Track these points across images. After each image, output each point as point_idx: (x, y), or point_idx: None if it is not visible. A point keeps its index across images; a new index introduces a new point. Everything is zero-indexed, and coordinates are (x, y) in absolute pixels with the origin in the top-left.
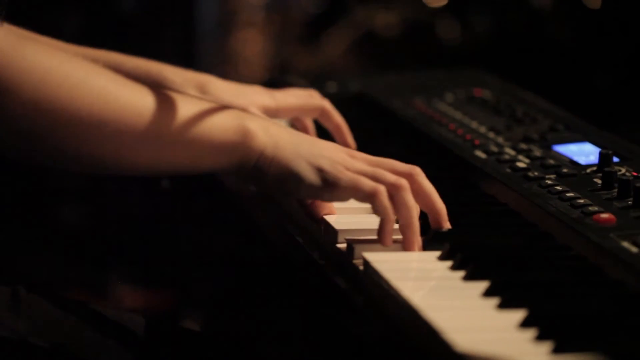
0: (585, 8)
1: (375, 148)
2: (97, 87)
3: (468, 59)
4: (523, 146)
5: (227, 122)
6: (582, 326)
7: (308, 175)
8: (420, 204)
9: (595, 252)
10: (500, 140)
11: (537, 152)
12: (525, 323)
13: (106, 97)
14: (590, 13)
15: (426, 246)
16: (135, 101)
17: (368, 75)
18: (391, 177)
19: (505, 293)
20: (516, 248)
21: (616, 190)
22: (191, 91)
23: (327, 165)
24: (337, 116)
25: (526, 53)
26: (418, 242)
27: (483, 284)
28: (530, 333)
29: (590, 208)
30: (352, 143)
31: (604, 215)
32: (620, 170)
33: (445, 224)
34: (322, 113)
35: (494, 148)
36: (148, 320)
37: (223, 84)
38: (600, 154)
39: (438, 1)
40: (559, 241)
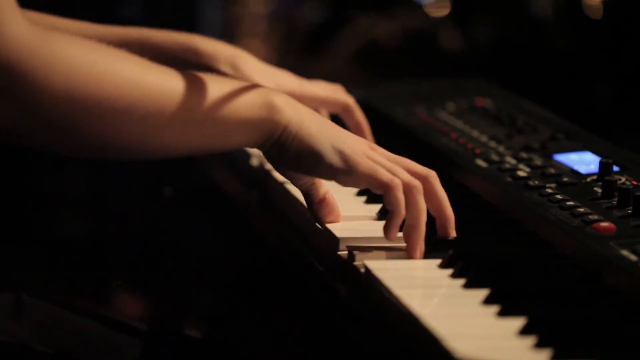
0: (586, 18)
1: None
2: (124, 73)
3: (470, 69)
4: (524, 155)
5: (253, 98)
6: (582, 333)
7: (329, 154)
8: (430, 208)
9: (595, 261)
10: (501, 149)
11: (538, 161)
12: (525, 330)
13: (133, 82)
14: (591, 23)
15: (427, 254)
16: (162, 84)
17: (370, 84)
18: (406, 176)
19: (505, 301)
20: (516, 256)
21: (616, 199)
22: (221, 63)
23: (349, 149)
24: (360, 114)
25: (527, 63)
26: (421, 247)
27: (483, 292)
28: (530, 340)
29: (590, 217)
30: (372, 142)
31: (604, 223)
32: (620, 179)
33: (451, 232)
34: (345, 109)
35: (495, 157)
36: (150, 327)
37: (253, 61)
38: (600, 163)
39: (440, 11)
40: (559, 249)
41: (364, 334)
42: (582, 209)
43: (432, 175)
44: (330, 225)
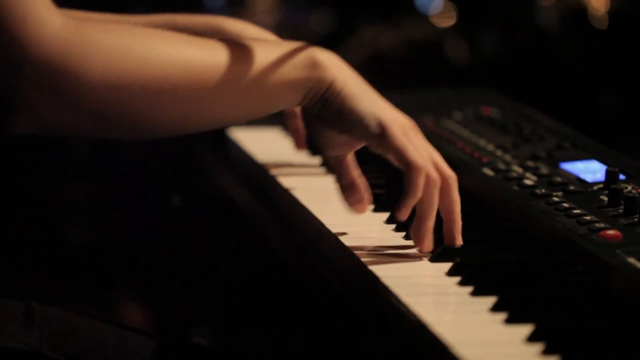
0: (591, 28)
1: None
2: (164, 53)
3: (476, 79)
4: (530, 164)
5: (298, 58)
6: (589, 340)
7: (368, 117)
8: (442, 209)
9: (601, 268)
10: (507, 158)
11: (544, 170)
12: (532, 337)
13: (175, 61)
14: (596, 33)
15: (435, 261)
16: (204, 58)
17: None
18: (431, 167)
19: (513, 308)
20: (524, 264)
21: (622, 207)
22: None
23: (387, 118)
24: None
25: (533, 72)
26: (429, 239)
27: (491, 299)
28: (537, 347)
29: (596, 225)
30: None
31: (610, 231)
32: (626, 187)
33: (457, 237)
34: None
35: (502, 166)
36: (158, 335)
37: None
38: (606, 172)
39: (446, 21)
40: (566, 257)
41: (373, 342)
42: (589, 217)
43: (454, 178)
44: (338, 233)
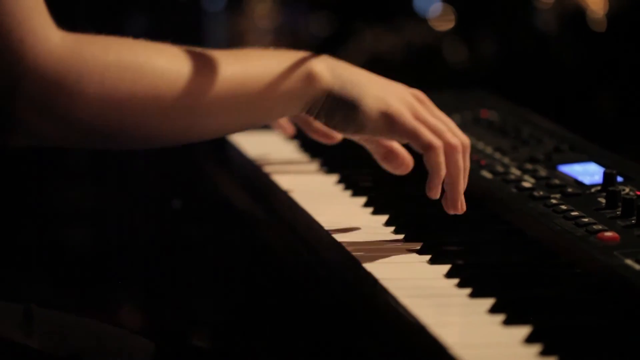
0: (590, 31)
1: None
2: (160, 69)
3: (474, 82)
4: (528, 166)
5: (293, 70)
6: (587, 342)
7: (373, 115)
8: (447, 174)
9: (599, 270)
10: (506, 160)
11: (543, 172)
12: (530, 338)
13: (172, 77)
14: (595, 36)
15: (434, 263)
16: (200, 71)
17: None
18: (449, 135)
19: (510, 309)
20: (522, 266)
21: (620, 209)
22: None
23: (394, 108)
24: None
25: (532, 75)
26: (462, 202)
27: (489, 301)
28: (535, 348)
29: (594, 227)
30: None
31: (608, 233)
32: (624, 189)
33: (456, 205)
34: None
35: (500, 168)
36: (158, 338)
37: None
38: (604, 174)
39: (445, 25)
40: (564, 259)
41: (372, 343)
42: (587, 219)
43: (467, 144)
44: (337, 235)
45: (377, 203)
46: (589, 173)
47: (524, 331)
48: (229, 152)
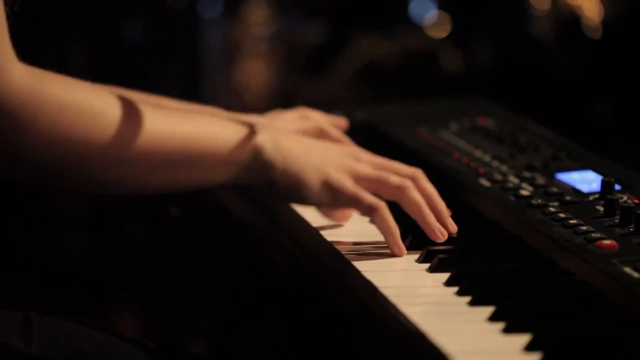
0: (585, 37)
1: None
2: (112, 118)
3: (470, 89)
4: (526, 174)
5: (237, 139)
6: (586, 349)
7: (314, 187)
8: (411, 212)
9: (598, 278)
10: (504, 168)
11: (541, 180)
12: (530, 347)
13: (119, 127)
14: (590, 43)
15: (433, 272)
16: (152, 127)
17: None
18: (395, 179)
19: (510, 318)
20: (521, 274)
21: (618, 217)
22: None
23: (334, 176)
24: (335, 132)
25: (528, 82)
26: (439, 228)
27: (489, 309)
28: (535, 356)
29: (592, 235)
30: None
31: (607, 241)
32: (622, 197)
33: (448, 221)
34: (320, 133)
35: (498, 176)
36: (155, 344)
37: (223, 114)
38: (602, 182)
39: (440, 32)
40: (563, 267)
41: (371, 351)
42: (585, 227)
43: (419, 174)
44: (336, 242)
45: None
46: (587, 181)
47: (524, 339)
48: None
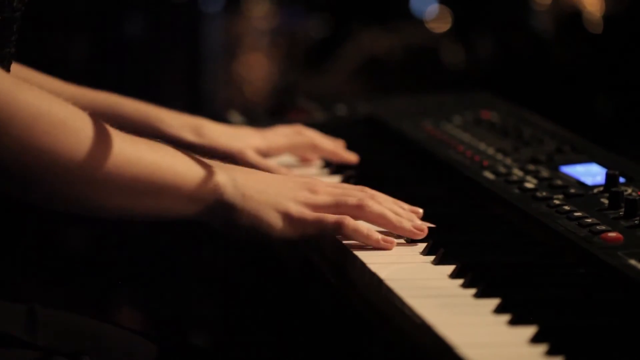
0: (587, 32)
1: (385, 170)
2: (83, 135)
3: (471, 83)
4: (531, 167)
5: (200, 176)
6: (591, 341)
7: (276, 222)
8: (379, 224)
9: (603, 270)
10: (508, 161)
11: (545, 173)
12: (536, 338)
13: (88, 144)
14: (592, 37)
15: (439, 264)
16: (123, 150)
17: (377, 98)
18: (353, 200)
19: (516, 310)
20: (526, 266)
21: (623, 209)
22: (187, 134)
23: (293, 209)
24: (328, 144)
25: (529, 76)
26: (412, 232)
27: (494, 301)
28: (541, 348)
29: (597, 227)
30: (353, 158)
31: (611, 234)
32: (626, 190)
33: (412, 234)
34: (313, 147)
35: (502, 169)
36: (158, 337)
37: (217, 127)
38: (606, 175)
39: (442, 26)
40: (568, 259)
41: (377, 343)
42: (590, 220)
43: (370, 190)
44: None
45: None
46: (591, 174)
47: (530, 331)
48: None
